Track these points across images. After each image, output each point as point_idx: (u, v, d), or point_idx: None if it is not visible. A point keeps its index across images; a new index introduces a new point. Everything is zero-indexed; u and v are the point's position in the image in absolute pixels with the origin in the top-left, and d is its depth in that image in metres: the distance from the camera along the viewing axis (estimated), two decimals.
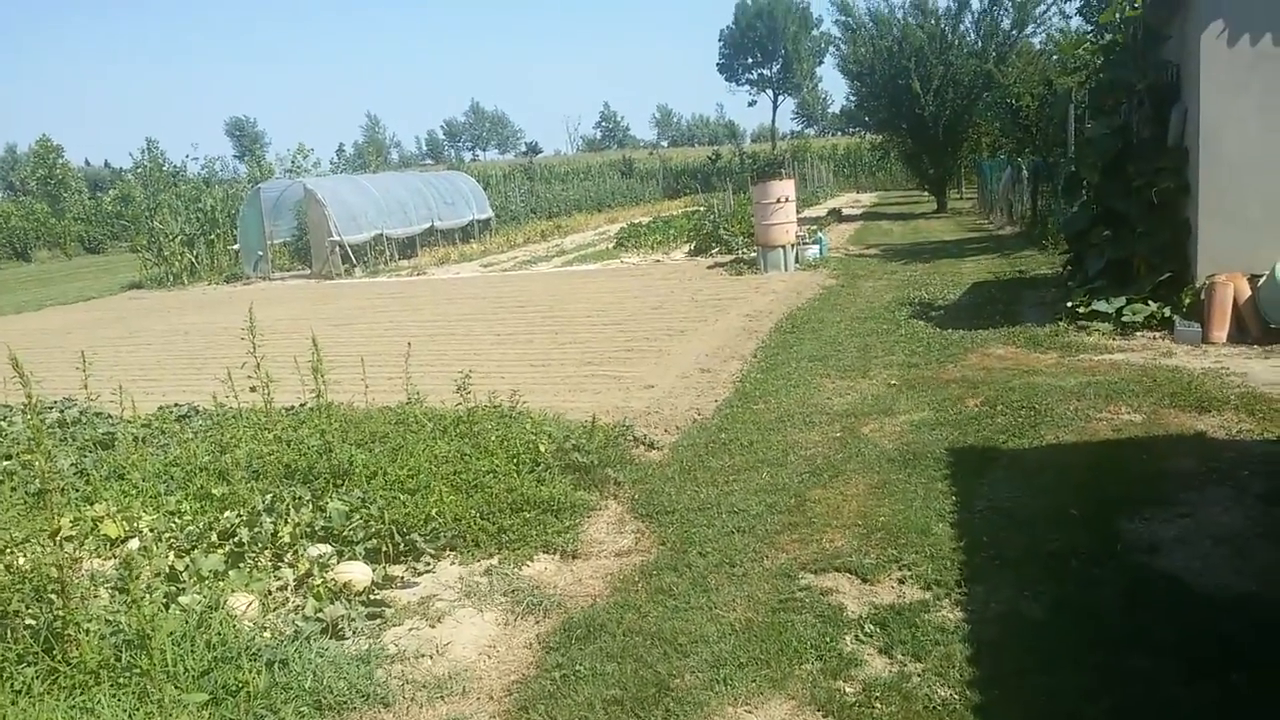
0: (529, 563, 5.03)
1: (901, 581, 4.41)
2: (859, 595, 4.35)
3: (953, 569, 4.42)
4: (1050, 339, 8.96)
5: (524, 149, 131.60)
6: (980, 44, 27.75)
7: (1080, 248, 10.58)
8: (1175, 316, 8.78)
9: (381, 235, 25.33)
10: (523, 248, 27.88)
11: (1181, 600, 4.00)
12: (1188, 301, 8.80)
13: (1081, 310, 9.34)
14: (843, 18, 30.03)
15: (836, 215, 29.21)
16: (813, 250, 17.54)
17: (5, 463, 6.87)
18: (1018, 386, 7.43)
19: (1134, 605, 3.97)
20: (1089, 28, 15.23)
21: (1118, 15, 10.37)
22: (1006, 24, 27.40)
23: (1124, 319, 9.04)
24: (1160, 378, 7.29)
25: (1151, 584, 4.14)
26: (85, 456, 6.87)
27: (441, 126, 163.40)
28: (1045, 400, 6.95)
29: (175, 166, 44.89)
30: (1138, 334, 8.87)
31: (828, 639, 3.94)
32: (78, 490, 6.06)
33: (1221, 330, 8.34)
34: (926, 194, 34.05)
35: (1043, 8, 26.66)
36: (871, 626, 4.01)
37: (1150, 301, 9.10)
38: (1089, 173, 10.35)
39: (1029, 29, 27.23)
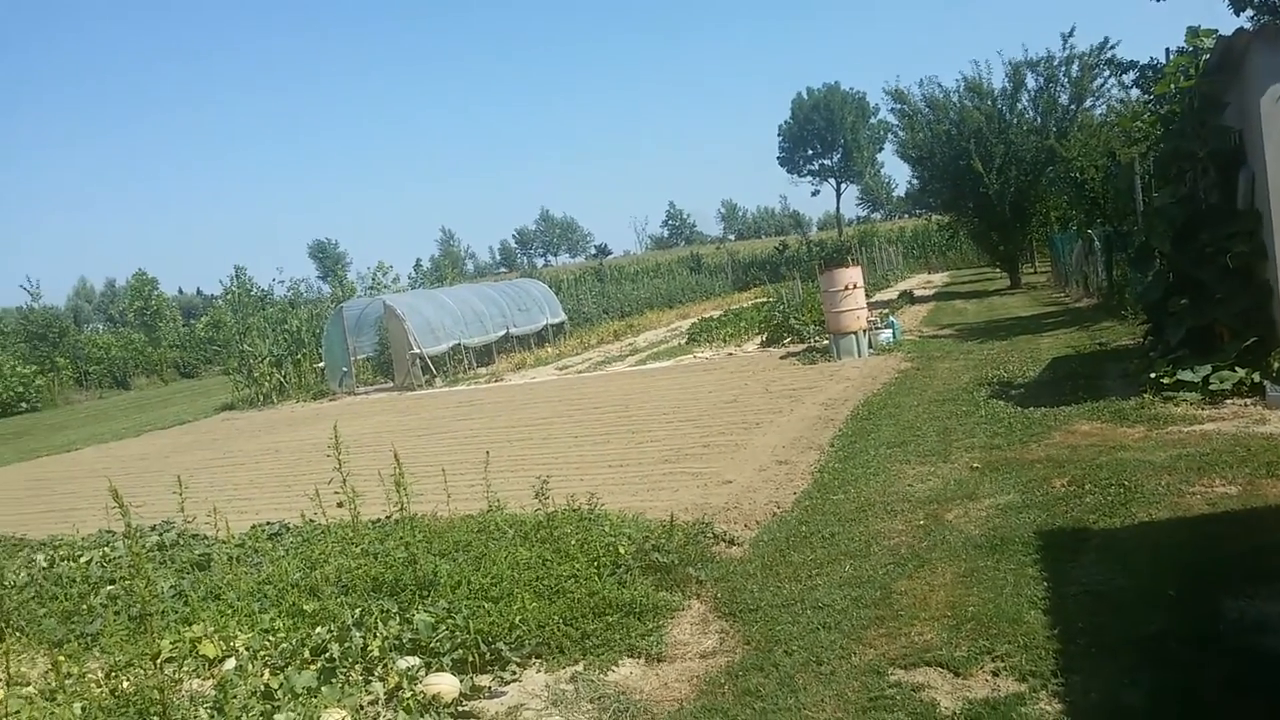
0: (614, 668, 5.02)
1: (995, 674, 4.30)
2: (952, 690, 4.24)
3: (1048, 658, 4.30)
4: (1136, 412, 8.74)
5: (594, 251, 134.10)
6: (1040, 120, 27.78)
7: (1159, 317, 10.38)
8: (1265, 382, 8.52)
9: (459, 345, 25.95)
10: (596, 348, 28.26)
11: None
12: (1277, 365, 8.54)
13: (1166, 381, 9.12)
14: (898, 105, 30.41)
15: (908, 297, 29.14)
16: (885, 334, 17.48)
17: (109, 587, 7.14)
18: (1105, 464, 7.25)
19: (1241, 689, 3.81)
20: (1147, 98, 15.16)
21: (1173, 86, 10.35)
22: (1064, 99, 27.42)
23: (1211, 387, 8.79)
24: (1254, 446, 7.05)
25: (1259, 665, 3.97)
26: (183, 578, 7.10)
27: (513, 235, 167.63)
28: (1135, 476, 6.77)
29: (262, 290, 46.75)
30: (1227, 402, 8.61)
31: None
32: (176, 612, 6.25)
33: None
34: (999, 271, 33.79)
35: (1099, 81, 26.66)
36: None
37: (1238, 368, 8.85)
38: (1160, 242, 10.22)
39: (1088, 102, 27.21)
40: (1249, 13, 17.91)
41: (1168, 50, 11.56)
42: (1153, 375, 9.34)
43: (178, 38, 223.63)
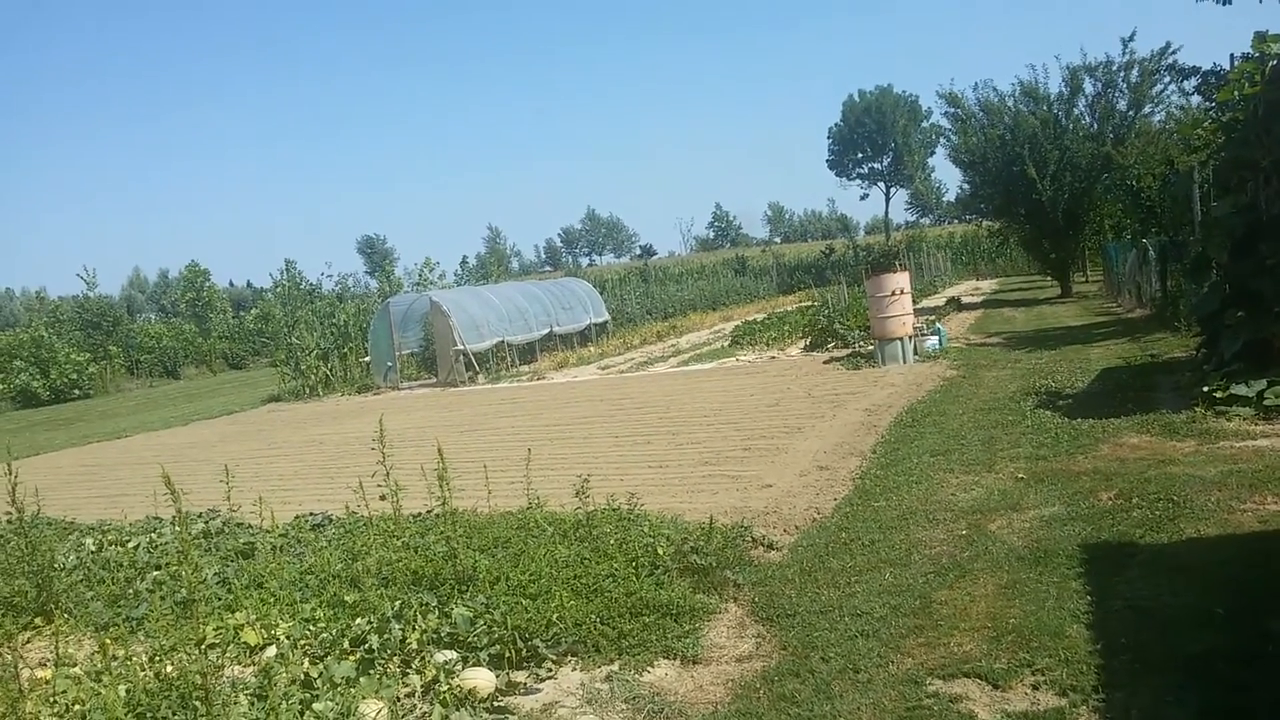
0: (649, 668, 5.02)
1: (1035, 687, 4.24)
2: (990, 703, 4.19)
3: (1089, 673, 4.23)
4: (1187, 426, 8.57)
5: (639, 252, 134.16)
6: (1096, 126, 27.33)
7: (1213, 329, 10.17)
8: None
9: (503, 342, 26.10)
10: (639, 349, 28.28)
11: None
12: None
13: (1219, 395, 8.93)
14: (952, 109, 30.08)
15: (956, 304, 28.81)
16: (932, 341, 17.29)
17: (155, 573, 7.28)
18: (1154, 477, 7.12)
19: None
20: (1209, 105, 14.85)
21: (1237, 93, 10.14)
22: (1122, 105, 26.97)
23: (1266, 402, 8.59)
24: None
25: None
26: (228, 566, 7.21)
27: (559, 234, 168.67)
28: (1184, 491, 6.64)
29: (311, 285, 47.49)
30: None
31: None
32: (220, 599, 6.36)
33: None
34: (1049, 279, 33.32)
35: (1159, 87, 26.17)
36: None
37: None
38: (1217, 253, 10.02)
39: (1147, 109, 26.71)
40: None
41: (1232, 56, 11.32)
42: (1205, 389, 9.16)
43: (236, 32, 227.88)
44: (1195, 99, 20.58)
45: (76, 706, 4.62)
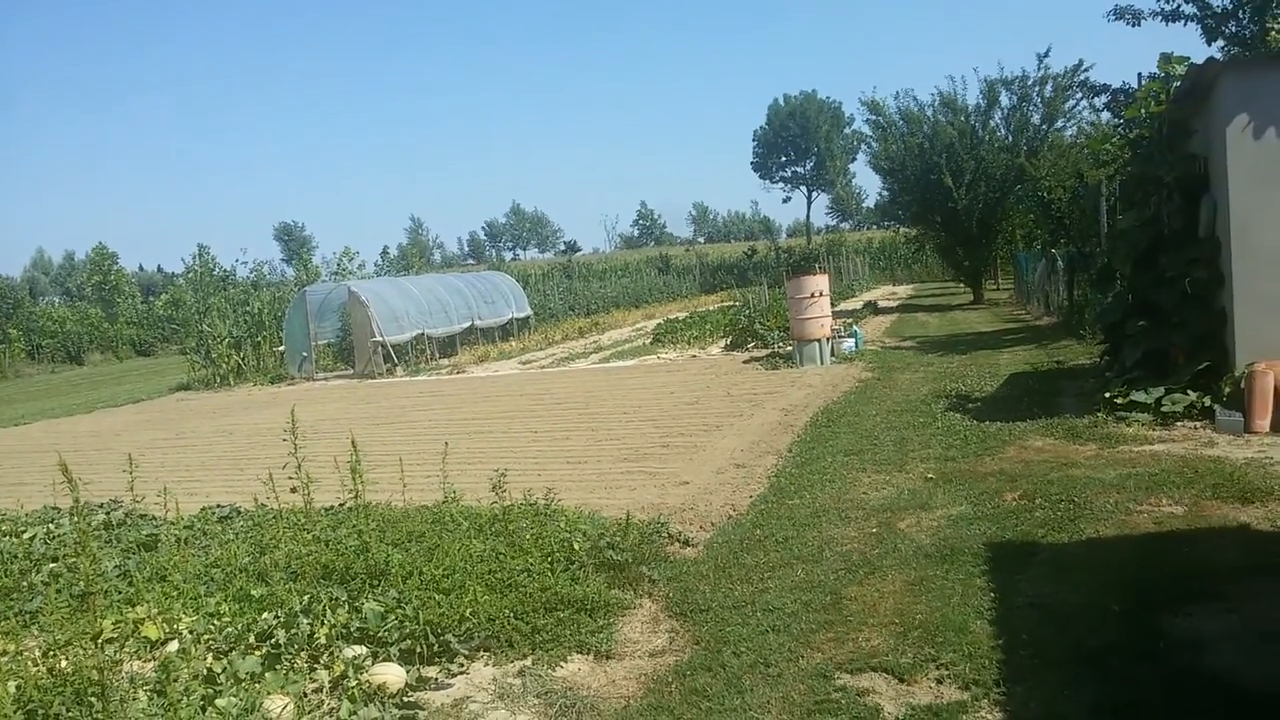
0: (562, 663, 5.01)
1: (939, 681, 4.34)
2: (896, 696, 4.28)
3: (991, 668, 4.35)
4: (1089, 430, 8.87)
5: (563, 248, 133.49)
6: (1011, 138, 28.12)
7: (1116, 338, 10.54)
8: (1216, 406, 8.68)
9: (423, 335, 25.78)
10: (561, 345, 28.20)
11: (1228, 699, 3.90)
12: (1228, 390, 8.71)
13: (1120, 401, 9.26)
14: (873, 116, 30.63)
15: (872, 308, 29.37)
16: (848, 343, 17.60)
17: (52, 565, 7.01)
18: (1057, 479, 7.35)
19: (1178, 705, 3.88)
20: (1117, 122, 15.40)
21: (1143, 111, 10.53)
22: (1036, 119, 27.77)
23: (1163, 409, 8.94)
24: (1202, 469, 7.18)
25: (1196, 682, 4.04)
26: (129, 558, 6.98)
27: (483, 227, 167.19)
28: (1085, 493, 6.87)
29: (225, 271, 46.12)
30: (1178, 424, 8.76)
31: None
32: (120, 592, 6.15)
33: (1264, 419, 8.22)
34: (962, 285, 34.16)
35: (1071, 103, 27.03)
36: None
37: (1190, 391, 9.01)
38: (1121, 264, 10.39)
39: (1059, 123, 27.57)
40: (1220, 43, 18.24)
41: (1140, 75, 11.76)
42: (1107, 395, 9.48)
43: (146, 17, 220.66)
44: (1105, 115, 21.30)
45: None
